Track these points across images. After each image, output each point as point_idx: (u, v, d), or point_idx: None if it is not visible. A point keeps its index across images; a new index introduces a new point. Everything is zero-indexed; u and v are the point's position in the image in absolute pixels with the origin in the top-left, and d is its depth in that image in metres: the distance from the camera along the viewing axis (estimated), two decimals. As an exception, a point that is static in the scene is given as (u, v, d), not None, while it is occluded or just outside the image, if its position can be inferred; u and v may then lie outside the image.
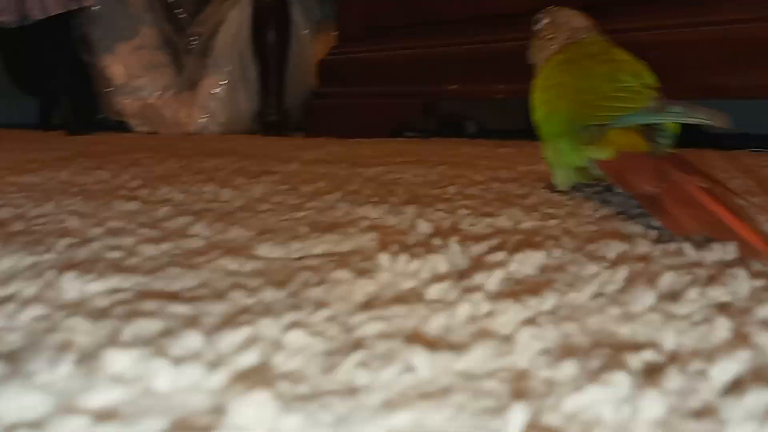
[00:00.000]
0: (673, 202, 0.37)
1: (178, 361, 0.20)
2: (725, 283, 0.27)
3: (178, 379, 0.19)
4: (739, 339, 0.22)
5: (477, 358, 0.20)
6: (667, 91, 0.48)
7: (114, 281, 0.28)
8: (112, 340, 0.22)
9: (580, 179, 0.51)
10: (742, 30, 0.95)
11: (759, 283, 0.28)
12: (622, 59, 0.51)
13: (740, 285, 0.27)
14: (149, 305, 0.25)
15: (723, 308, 0.25)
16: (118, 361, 0.20)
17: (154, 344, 0.21)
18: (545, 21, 0.59)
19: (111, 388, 0.18)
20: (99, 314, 0.24)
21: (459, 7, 1.30)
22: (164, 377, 0.19)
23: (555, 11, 0.59)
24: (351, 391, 0.19)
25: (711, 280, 0.28)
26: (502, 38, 1.22)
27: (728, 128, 0.41)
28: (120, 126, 1.86)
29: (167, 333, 0.22)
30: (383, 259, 0.31)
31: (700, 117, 0.42)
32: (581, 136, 0.47)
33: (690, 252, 0.33)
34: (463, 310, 0.24)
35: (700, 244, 0.34)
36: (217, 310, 0.25)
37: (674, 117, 0.43)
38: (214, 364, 0.20)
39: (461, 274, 0.29)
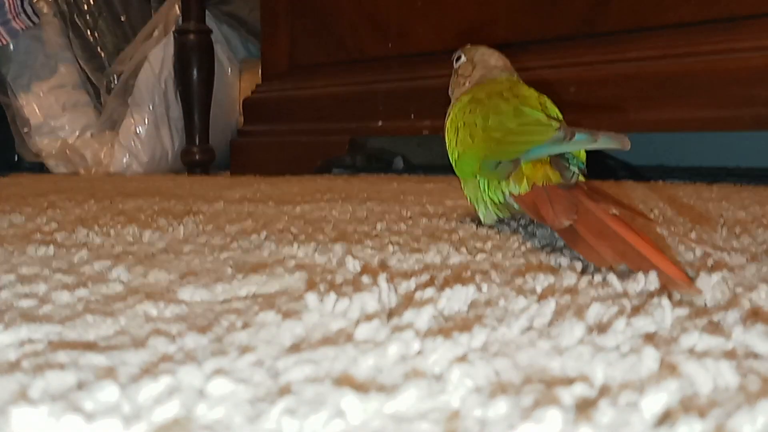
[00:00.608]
0: (588, 233, 0.37)
1: (92, 416, 0.19)
2: (650, 312, 0.28)
3: (92, 437, 0.18)
4: (667, 369, 0.22)
5: (408, 399, 0.20)
6: (585, 126, 0.49)
7: (24, 332, 0.27)
8: (20, 397, 0.20)
9: (503, 214, 0.52)
10: (653, 66, 0.99)
11: (682, 311, 0.28)
12: (525, 95, 0.52)
13: (665, 314, 0.27)
14: (62, 356, 0.24)
15: (649, 338, 0.25)
16: (26, 419, 0.18)
17: (66, 399, 0.20)
18: (462, 59, 0.60)
19: (17, 450, 0.17)
20: (5, 368, 0.23)
21: (383, 44, 1.32)
22: (77, 435, 0.18)
23: (471, 50, 0.61)
24: (278, 441, 0.18)
25: (636, 311, 0.28)
26: (426, 75, 1.24)
27: (645, 159, 0.43)
28: (37, 167, 1.80)
29: (81, 386, 0.21)
30: (311, 299, 0.30)
31: (603, 142, 0.42)
32: (496, 172, 0.47)
33: (615, 283, 0.33)
34: (394, 349, 0.24)
35: (625, 275, 0.35)
36: (135, 359, 0.24)
37: (579, 145, 0.44)
38: (132, 418, 0.19)
39: (391, 313, 0.29)
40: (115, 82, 1.72)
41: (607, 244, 0.36)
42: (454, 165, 0.55)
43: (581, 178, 0.45)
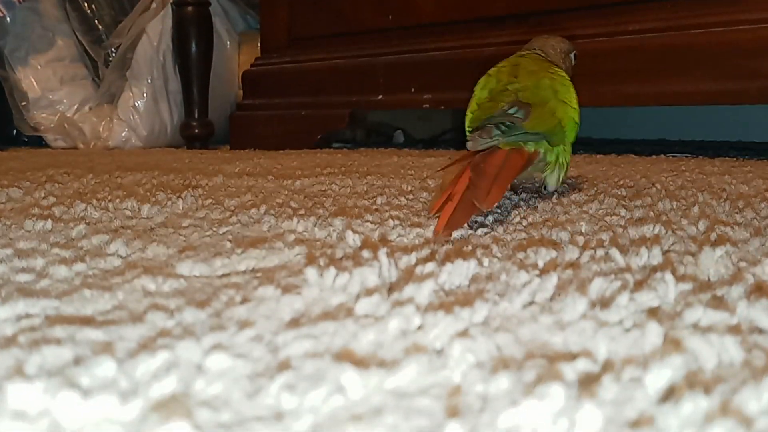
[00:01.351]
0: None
1: (89, 392, 0.18)
2: (653, 287, 0.28)
3: (88, 413, 0.18)
4: (671, 344, 0.22)
5: (409, 374, 0.20)
6: (584, 99, 0.49)
7: (21, 306, 0.26)
8: (16, 372, 0.20)
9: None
10: (655, 39, 0.97)
11: (686, 286, 0.28)
12: (500, 67, 0.58)
13: (668, 289, 0.27)
14: (59, 332, 0.23)
15: (653, 313, 0.25)
16: (22, 395, 0.18)
17: (63, 374, 0.20)
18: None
19: (13, 427, 0.17)
20: (2, 344, 0.22)
21: (383, 16, 1.31)
22: (73, 411, 0.18)
23: (539, 38, 0.63)
24: (277, 417, 0.17)
25: (639, 285, 0.28)
26: (427, 48, 1.23)
27: (647, 133, 0.49)
28: (35, 141, 1.79)
29: (78, 361, 0.21)
30: (311, 274, 0.30)
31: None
32: None
33: (618, 257, 0.33)
34: (394, 324, 0.23)
35: (628, 249, 0.35)
36: (133, 334, 0.23)
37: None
38: (129, 394, 0.18)
39: (391, 287, 0.29)
40: (113, 55, 1.70)
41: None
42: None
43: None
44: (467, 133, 0.51)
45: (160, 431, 0.16)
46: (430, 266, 0.31)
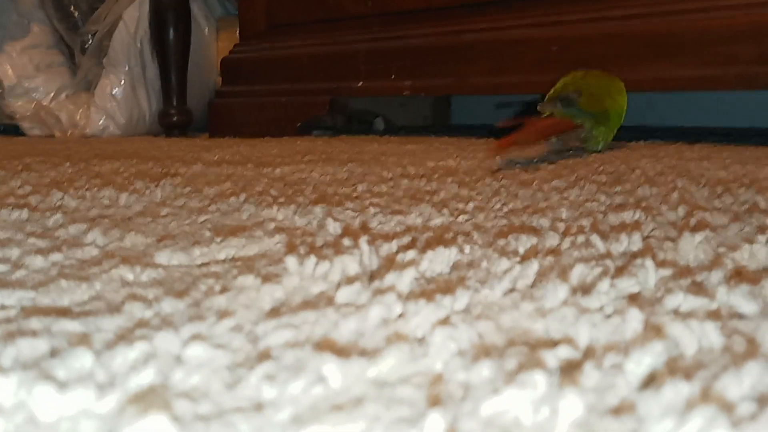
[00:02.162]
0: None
1: (65, 385, 0.18)
2: (634, 273, 0.28)
3: (64, 406, 0.17)
4: (652, 330, 0.22)
5: (390, 363, 0.20)
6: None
7: (-5, 298, 0.26)
8: (-10, 365, 0.20)
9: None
10: (636, 24, 0.98)
11: (666, 272, 0.28)
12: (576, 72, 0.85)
13: (648, 275, 0.27)
14: (34, 323, 0.23)
15: (633, 299, 0.25)
16: (-4, 388, 0.18)
17: (39, 367, 0.19)
18: None
19: (-13, 420, 0.17)
20: (-24, 336, 0.22)
21: (362, 2, 1.30)
22: (49, 404, 0.17)
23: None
24: (257, 407, 0.17)
25: (620, 271, 0.28)
26: (407, 34, 1.22)
27: (626, 120, 0.80)
28: (11, 130, 1.77)
29: (54, 354, 0.20)
30: (291, 262, 0.30)
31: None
32: None
33: (598, 243, 0.33)
34: (375, 313, 0.23)
35: (608, 235, 0.35)
36: (110, 325, 0.23)
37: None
38: (106, 386, 0.18)
39: (372, 275, 0.28)
40: (90, 42, 1.68)
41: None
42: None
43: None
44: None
45: (138, 424, 0.16)
46: (411, 254, 0.31)
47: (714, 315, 0.23)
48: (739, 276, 0.28)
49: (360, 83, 1.29)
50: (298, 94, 1.38)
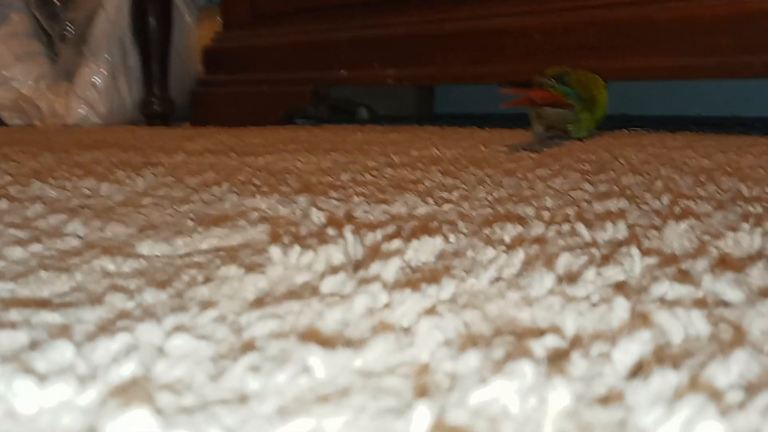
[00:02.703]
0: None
1: (46, 377, 0.18)
2: (620, 261, 0.28)
3: (45, 399, 0.17)
4: (638, 318, 0.21)
5: (376, 353, 0.19)
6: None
7: (-27, 289, 0.25)
8: (-32, 358, 0.19)
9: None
10: (618, 13, 0.98)
11: (652, 260, 0.28)
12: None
13: (634, 263, 0.27)
14: (13, 315, 0.23)
15: (620, 288, 0.25)
16: (-26, 381, 0.17)
17: (18, 359, 0.19)
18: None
19: (-36, 414, 0.16)
20: (-47, 328, 0.21)
21: (346, -9, 1.29)
22: (29, 397, 0.17)
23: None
24: (241, 399, 0.17)
25: (606, 260, 0.28)
26: (390, 23, 1.22)
27: (608, 108, 0.90)
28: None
29: (34, 346, 0.20)
30: (275, 252, 0.29)
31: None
32: None
33: (583, 232, 0.33)
34: (360, 302, 0.23)
35: (593, 224, 0.35)
36: (91, 316, 0.23)
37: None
38: (87, 379, 0.18)
39: (357, 265, 0.28)
40: (70, 30, 1.66)
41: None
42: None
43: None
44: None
45: (120, 416, 0.16)
46: (396, 243, 0.31)
47: (700, 303, 0.23)
48: (723, 264, 0.28)
49: (343, 72, 1.28)
50: (281, 83, 1.37)
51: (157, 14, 1.50)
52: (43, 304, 0.24)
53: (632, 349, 0.19)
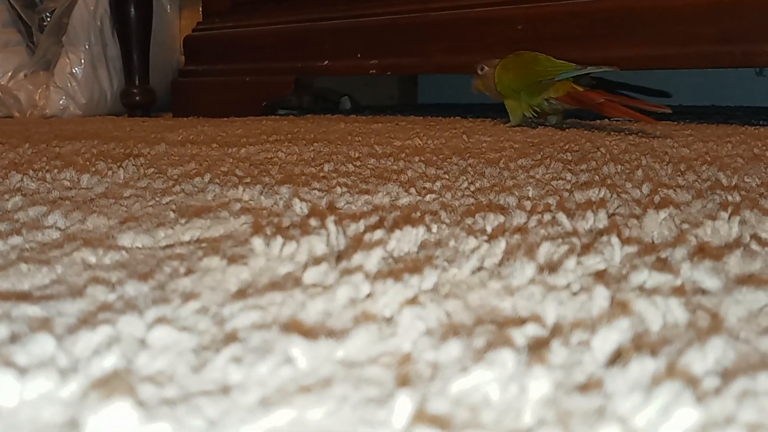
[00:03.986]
0: (608, 106, 0.85)
1: (26, 370, 0.18)
2: (600, 250, 0.28)
3: (26, 392, 0.17)
4: (618, 307, 0.22)
5: (358, 343, 0.19)
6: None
7: (-48, 283, 0.25)
8: (-53, 352, 0.19)
9: (529, 114, 0.95)
10: (600, 3, 0.98)
11: (631, 249, 0.28)
12: (535, 56, 0.94)
13: (614, 252, 0.27)
14: (-7, 308, 0.22)
15: (600, 276, 0.25)
16: (-46, 375, 0.17)
17: (-2, 353, 0.19)
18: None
19: (-56, 408, 0.16)
20: (-68, 322, 0.21)
21: (328, -19, 1.28)
22: (9, 390, 0.17)
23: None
24: (224, 390, 0.17)
25: (586, 249, 0.28)
26: (373, 12, 1.21)
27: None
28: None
29: (14, 339, 0.20)
30: (257, 243, 0.29)
31: (603, 69, 0.89)
32: (536, 88, 0.91)
33: (564, 221, 0.33)
34: (343, 293, 0.23)
35: (574, 213, 0.35)
36: (72, 309, 0.23)
37: (588, 71, 0.89)
38: (69, 371, 0.18)
39: (340, 256, 0.28)
40: (48, 20, 1.64)
41: (615, 108, 0.85)
42: (503, 89, 0.96)
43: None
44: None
45: (102, 409, 0.16)
46: (378, 233, 0.31)
47: (678, 291, 0.23)
48: (702, 252, 0.28)
49: (326, 62, 1.28)
50: (263, 73, 1.36)
51: (138, 3, 1.49)
52: (24, 296, 0.24)
53: (611, 337, 0.19)
